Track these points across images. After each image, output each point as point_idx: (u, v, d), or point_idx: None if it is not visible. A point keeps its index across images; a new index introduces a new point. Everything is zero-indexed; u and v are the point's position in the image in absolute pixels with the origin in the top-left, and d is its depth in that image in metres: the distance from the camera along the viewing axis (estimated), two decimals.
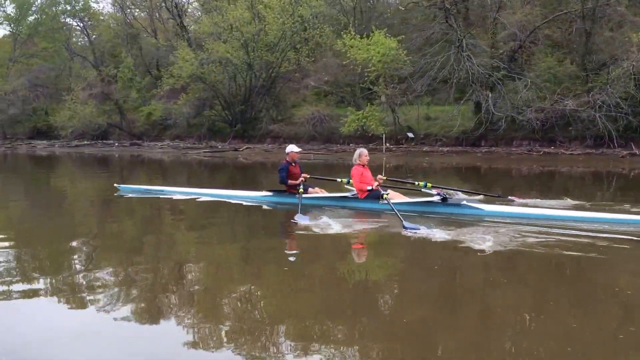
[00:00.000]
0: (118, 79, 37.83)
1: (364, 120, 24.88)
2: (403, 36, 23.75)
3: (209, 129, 33.17)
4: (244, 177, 17.23)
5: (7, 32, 50.07)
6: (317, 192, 8.21)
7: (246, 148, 28.08)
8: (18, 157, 29.45)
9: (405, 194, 7.94)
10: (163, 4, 48.58)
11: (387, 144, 27.12)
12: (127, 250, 5.78)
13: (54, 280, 4.47)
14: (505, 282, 4.56)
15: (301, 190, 7.86)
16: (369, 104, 25.29)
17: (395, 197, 7.51)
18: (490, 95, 22.62)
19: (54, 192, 12.57)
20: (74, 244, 5.96)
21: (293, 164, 8.32)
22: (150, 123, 36.53)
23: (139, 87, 38.37)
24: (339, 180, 8.47)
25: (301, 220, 6.65)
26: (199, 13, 45.13)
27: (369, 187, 7.43)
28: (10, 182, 14.65)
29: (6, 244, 5.92)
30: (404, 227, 6.13)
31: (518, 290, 4.33)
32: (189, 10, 47.75)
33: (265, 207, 8.19)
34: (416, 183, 8.14)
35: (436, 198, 7.27)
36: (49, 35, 48.90)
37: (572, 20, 23.58)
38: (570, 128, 22.77)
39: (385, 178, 7.76)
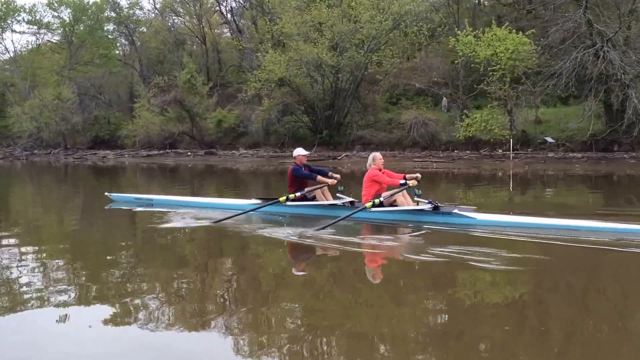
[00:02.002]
0: (180, 86, 36.16)
1: (483, 124, 22.69)
2: (533, 30, 21.56)
3: (291, 136, 31.21)
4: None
5: (57, 39, 49.09)
6: (323, 199, 7.84)
7: (345, 156, 26.07)
8: (79, 168, 27.91)
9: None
10: (217, 8, 47.58)
11: (500, 150, 24.95)
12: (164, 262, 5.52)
13: (93, 290, 4.40)
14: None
15: (283, 198, 7.63)
16: (488, 106, 23.08)
17: (403, 201, 7.20)
18: (634, 93, 20.31)
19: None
20: (115, 257, 5.79)
21: (302, 168, 7.98)
22: (223, 130, 34.74)
23: (202, 94, 36.67)
24: (340, 188, 8.01)
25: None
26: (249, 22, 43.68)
27: (401, 181, 7.12)
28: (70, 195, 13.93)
29: (50, 254, 5.85)
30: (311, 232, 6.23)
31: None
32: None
33: (254, 216, 7.72)
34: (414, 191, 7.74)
35: (427, 206, 7.03)
36: (104, 41, 47.85)
37: None
38: None
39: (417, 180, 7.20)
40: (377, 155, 7.52)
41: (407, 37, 28.16)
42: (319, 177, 7.82)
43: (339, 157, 25.99)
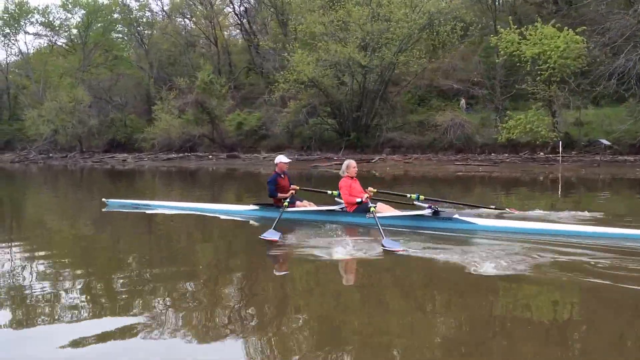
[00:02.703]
0: (196, 87, 35.14)
1: (528, 126, 21.54)
2: (585, 27, 20.44)
3: (318, 138, 30.15)
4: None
5: (70, 41, 48.31)
6: (305, 206, 7.76)
7: (379, 159, 24.98)
8: (98, 172, 27.02)
9: (397, 208, 7.47)
10: (230, 10, 46.68)
11: (541, 153, 23.80)
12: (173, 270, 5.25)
13: (100, 298, 4.30)
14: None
15: (286, 203, 7.39)
16: (533, 107, 21.93)
17: (385, 210, 7.11)
18: None
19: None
20: (124, 264, 5.58)
21: (282, 176, 7.91)
22: (244, 133, 33.72)
23: (219, 95, 35.62)
24: (329, 192, 8.13)
25: (270, 236, 6.09)
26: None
27: (358, 200, 7.06)
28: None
29: (59, 260, 5.68)
30: (382, 245, 5.62)
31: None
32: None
33: (252, 222, 7.60)
34: (408, 195, 7.63)
35: (427, 212, 6.91)
36: (117, 43, 47.10)
37: None
38: None
39: (375, 191, 7.36)
40: (352, 163, 7.44)
41: (438, 36, 27.14)
42: (280, 194, 7.73)
43: (373, 160, 24.90)
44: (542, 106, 22.12)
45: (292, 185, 7.85)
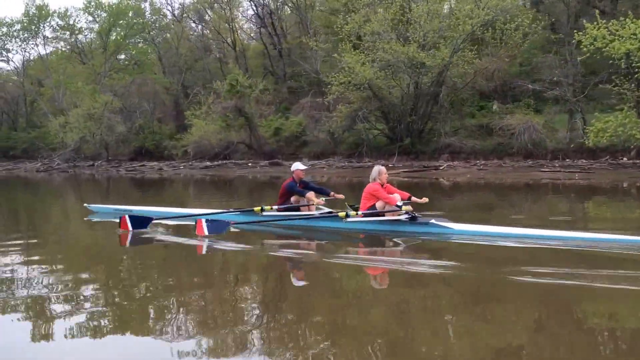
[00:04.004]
0: (225, 91, 33.31)
1: (619, 129, 19.72)
2: None
3: (369, 144, 28.30)
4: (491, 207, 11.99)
5: (91, 46, 46.58)
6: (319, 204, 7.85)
7: (447, 165, 23.14)
8: (132, 181, 25.27)
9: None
10: (254, 13, 45.08)
11: (624, 158, 21.99)
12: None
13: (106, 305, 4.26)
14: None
15: (257, 208, 7.74)
16: (624, 109, 20.09)
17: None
18: None
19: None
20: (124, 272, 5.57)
21: (297, 184, 8.00)
22: (284, 139, 31.88)
23: (255, 99, 33.78)
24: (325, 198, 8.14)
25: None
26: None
27: (399, 204, 7.04)
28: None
29: (67, 269, 5.59)
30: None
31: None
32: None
33: (232, 229, 7.43)
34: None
35: (404, 217, 7.08)
36: (138, 48, 45.50)
37: None
38: None
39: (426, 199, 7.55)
40: (383, 169, 7.52)
41: (503, 34, 25.43)
42: (308, 194, 7.77)
43: (441, 167, 23.00)
44: (632, 107, 20.30)
45: (340, 195, 7.94)
